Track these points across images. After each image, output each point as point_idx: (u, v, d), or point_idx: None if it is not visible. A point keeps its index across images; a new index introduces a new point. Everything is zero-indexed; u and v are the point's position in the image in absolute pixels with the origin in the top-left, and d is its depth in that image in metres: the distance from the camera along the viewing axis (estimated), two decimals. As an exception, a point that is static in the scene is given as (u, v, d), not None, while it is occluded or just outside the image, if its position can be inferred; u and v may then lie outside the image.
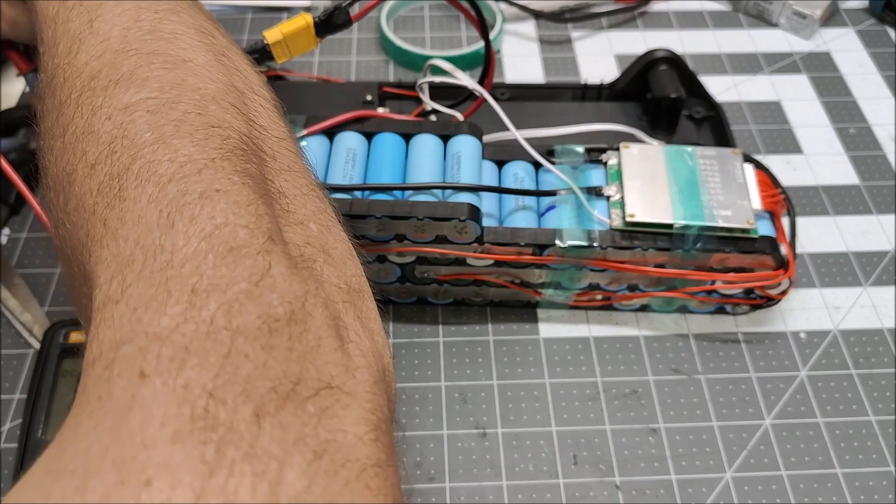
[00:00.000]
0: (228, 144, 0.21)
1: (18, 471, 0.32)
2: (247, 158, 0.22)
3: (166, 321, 0.17)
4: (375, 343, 0.21)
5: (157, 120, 0.21)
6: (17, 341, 0.38)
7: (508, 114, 0.38)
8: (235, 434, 0.16)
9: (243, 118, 0.23)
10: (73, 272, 0.23)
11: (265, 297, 0.18)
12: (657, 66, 0.45)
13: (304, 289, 0.19)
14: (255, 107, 0.24)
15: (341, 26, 0.37)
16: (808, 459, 0.34)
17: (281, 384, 0.17)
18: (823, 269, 0.41)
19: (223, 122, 0.22)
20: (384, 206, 0.33)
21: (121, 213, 0.20)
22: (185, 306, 0.17)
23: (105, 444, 0.16)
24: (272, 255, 0.19)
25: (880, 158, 0.46)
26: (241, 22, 0.54)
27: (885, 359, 0.37)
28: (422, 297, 0.39)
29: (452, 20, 0.55)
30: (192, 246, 0.18)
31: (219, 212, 0.19)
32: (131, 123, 0.21)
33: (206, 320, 0.17)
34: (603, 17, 0.54)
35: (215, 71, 0.24)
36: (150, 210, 0.19)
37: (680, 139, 0.43)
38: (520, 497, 0.33)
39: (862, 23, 0.54)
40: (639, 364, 0.37)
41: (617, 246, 0.34)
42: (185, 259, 0.18)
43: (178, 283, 0.18)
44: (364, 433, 0.18)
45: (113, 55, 0.23)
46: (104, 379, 0.17)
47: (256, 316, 0.18)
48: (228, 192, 0.20)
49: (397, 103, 0.45)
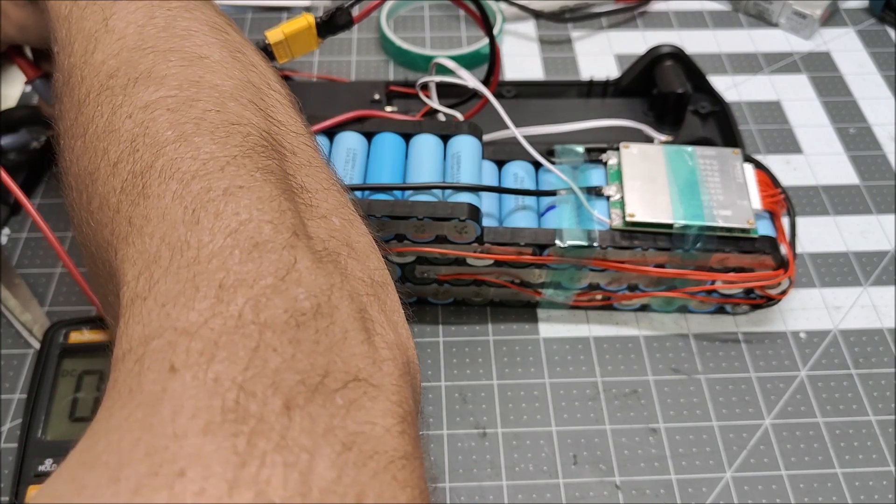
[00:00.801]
0: (249, 141, 0.22)
1: (18, 471, 0.32)
2: (268, 155, 0.22)
3: (195, 316, 0.17)
4: (400, 336, 0.22)
5: (177, 118, 0.21)
6: (17, 341, 0.38)
7: (515, 111, 0.38)
8: (266, 425, 0.16)
9: (262, 114, 0.23)
10: (98, 270, 0.23)
11: (291, 292, 0.18)
12: (663, 62, 0.45)
13: (330, 282, 0.20)
14: (273, 102, 0.25)
15: (343, 27, 0.37)
16: (808, 459, 0.34)
17: (309, 377, 0.17)
18: (823, 269, 0.41)
19: (242, 119, 0.22)
20: (384, 206, 0.33)
21: (145, 211, 0.20)
22: (212, 301, 0.18)
23: (137, 435, 0.16)
24: (297, 250, 0.19)
25: (880, 158, 0.46)
26: (241, 22, 0.54)
27: (885, 359, 0.37)
28: (422, 297, 0.39)
29: (452, 20, 0.55)
30: (218, 242, 0.19)
31: (243, 208, 0.19)
32: (152, 121, 0.21)
33: (233, 315, 0.17)
34: (603, 16, 0.54)
35: (231, 67, 0.24)
36: (174, 207, 0.19)
37: (686, 134, 0.43)
38: (520, 497, 0.33)
39: (862, 23, 0.54)
40: (639, 364, 0.37)
41: (617, 246, 0.34)
42: (212, 255, 0.18)
43: (205, 279, 0.18)
44: (391, 425, 0.18)
45: (130, 53, 0.23)
46: (135, 373, 0.17)
47: (283, 310, 0.18)
48: (251, 189, 0.20)
49: (404, 102, 0.45)
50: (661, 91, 0.44)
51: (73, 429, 0.33)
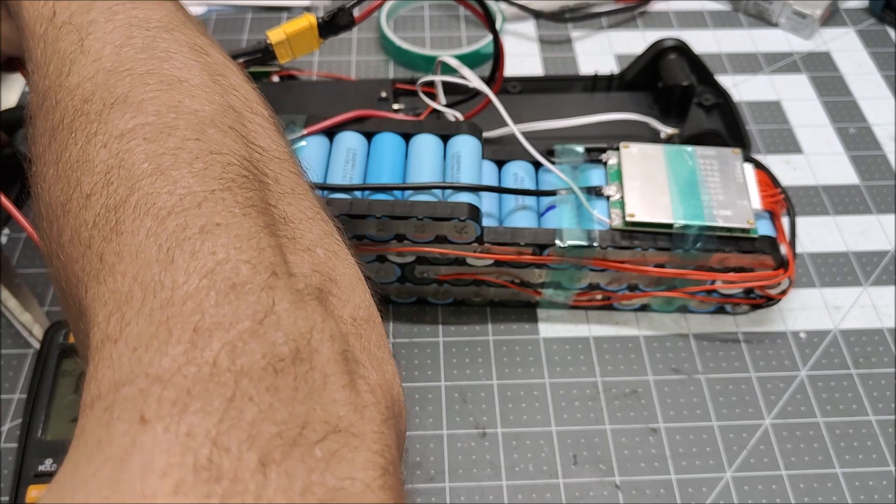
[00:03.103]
0: (229, 172, 0.21)
1: (18, 471, 0.32)
2: (248, 185, 0.21)
3: (168, 362, 0.17)
4: (384, 374, 0.21)
5: (154, 148, 0.20)
6: (17, 341, 0.38)
7: (520, 106, 0.38)
8: (240, 486, 0.15)
9: (243, 141, 0.22)
10: (68, 306, 0.22)
11: (269, 336, 0.18)
12: (667, 55, 0.45)
13: (310, 324, 0.19)
14: (255, 127, 0.24)
15: (344, 27, 0.37)
16: (808, 459, 0.34)
17: (287, 428, 0.17)
18: (823, 269, 0.41)
19: (222, 147, 0.21)
20: (384, 206, 0.33)
21: (118, 248, 0.19)
22: (187, 346, 0.17)
23: (104, 494, 0.15)
24: (276, 291, 0.19)
25: (880, 158, 0.46)
26: (241, 22, 0.54)
27: (885, 359, 0.37)
28: (422, 297, 0.39)
29: (452, 20, 0.55)
30: (194, 283, 0.18)
31: (220, 247, 0.19)
32: (128, 152, 0.20)
33: (208, 361, 0.17)
34: (603, 16, 0.54)
35: (212, 91, 0.23)
36: (149, 245, 0.19)
37: (691, 126, 0.43)
38: (520, 497, 0.33)
39: (862, 23, 0.54)
40: (639, 364, 0.37)
41: (617, 246, 0.34)
42: (187, 296, 0.18)
43: (179, 322, 0.17)
44: (372, 479, 0.18)
45: (106, 76, 0.22)
46: (104, 422, 0.17)
47: (261, 356, 0.17)
48: (230, 226, 0.19)
49: (410, 100, 0.45)
50: (667, 84, 0.44)
51: (72, 429, 0.33)
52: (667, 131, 0.42)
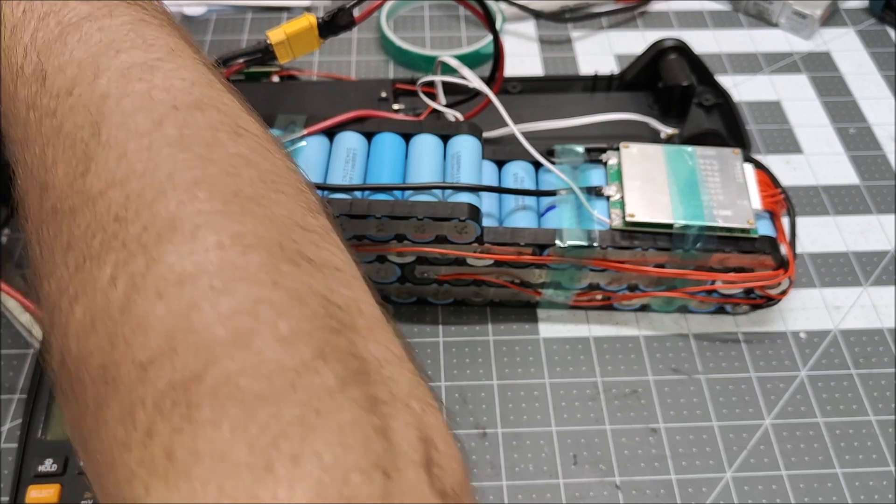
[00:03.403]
0: (316, 328, 0.17)
1: (18, 471, 0.32)
2: (337, 343, 0.17)
3: None
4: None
5: (228, 304, 0.16)
6: (17, 341, 0.37)
7: (520, 107, 0.38)
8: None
9: (317, 270, 0.18)
10: (101, 492, 0.17)
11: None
12: (667, 56, 0.45)
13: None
14: (318, 242, 0.20)
15: (345, 27, 0.37)
16: (808, 459, 0.34)
17: None
18: (823, 269, 0.41)
19: (301, 289, 0.17)
20: (384, 206, 0.33)
21: (194, 443, 0.15)
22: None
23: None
24: (392, 498, 0.16)
25: (880, 158, 0.46)
26: (241, 22, 0.54)
27: (885, 359, 0.37)
28: (422, 297, 0.39)
29: (452, 20, 0.55)
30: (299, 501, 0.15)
31: (325, 446, 0.15)
32: (196, 310, 0.16)
33: None
34: (603, 16, 0.54)
35: (272, 203, 0.19)
36: (236, 444, 0.15)
37: (691, 126, 0.43)
38: (520, 497, 0.33)
39: (862, 23, 0.54)
40: (639, 364, 0.37)
41: (617, 246, 0.34)
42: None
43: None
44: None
45: (140, 182, 0.18)
46: None
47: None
48: (331, 414, 0.16)
49: (410, 100, 0.45)
50: (667, 84, 0.44)
51: (73, 429, 0.33)
52: (667, 131, 0.42)
